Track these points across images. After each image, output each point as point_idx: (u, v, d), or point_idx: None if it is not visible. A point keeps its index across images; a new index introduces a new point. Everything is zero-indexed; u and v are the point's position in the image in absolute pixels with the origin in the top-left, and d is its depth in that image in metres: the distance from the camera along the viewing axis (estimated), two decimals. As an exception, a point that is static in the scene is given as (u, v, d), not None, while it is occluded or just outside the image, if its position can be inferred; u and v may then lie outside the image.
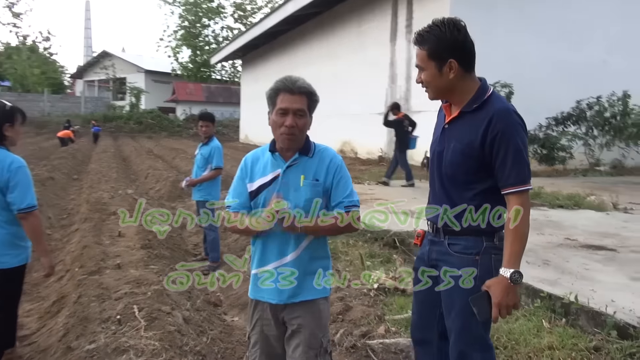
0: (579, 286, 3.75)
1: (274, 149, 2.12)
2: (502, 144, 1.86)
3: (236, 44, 28.33)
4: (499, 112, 1.88)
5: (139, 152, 20.67)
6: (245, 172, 2.16)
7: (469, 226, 1.97)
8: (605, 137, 13.02)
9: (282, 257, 2.08)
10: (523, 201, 1.86)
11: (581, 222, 6.33)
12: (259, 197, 2.09)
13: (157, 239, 6.15)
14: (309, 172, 2.06)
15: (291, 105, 2.00)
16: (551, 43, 13.72)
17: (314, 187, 2.05)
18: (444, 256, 2.04)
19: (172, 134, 37.10)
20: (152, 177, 12.62)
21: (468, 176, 1.96)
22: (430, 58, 1.93)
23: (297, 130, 2.02)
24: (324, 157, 2.10)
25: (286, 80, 2.04)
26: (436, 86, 1.98)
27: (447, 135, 2.04)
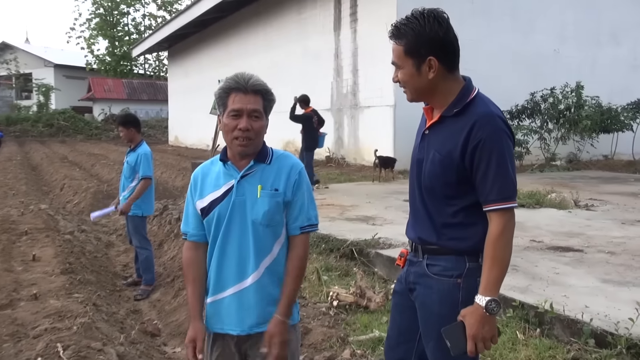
0: (551, 292, 3.87)
1: (225, 157, 2.07)
2: (483, 154, 1.81)
3: (161, 34, 27.65)
4: (482, 117, 1.84)
5: (52, 159, 19.75)
6: (194, 190, 2.12)
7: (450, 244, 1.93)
8: (560, 131, 13.71)
9: (242, 279, 2.03)
10: (506, 221, 1.82)
11: (544, 221, 6.59)
12: (211, 214, 2.04)
13: (79, 261, 5.88)
14: (267, 181, 2.03)
15: (245, 105, 1.96)
16: (504, 33, 14.31)
17: (273, 198, 2.01)
18: (421, 278, 2.00)
19: (89, 138, 35.83)
20: (69, 188, 12.08)
21: (448, 190, 1.92)
22: (408, 55, 1.89)
23: (253, 133, 1.98)
24: (284, 165, 2.07)
25: (238, 78, 1.98)
26: (414, 87, 1.94)
27: (427, 142, 1.99)
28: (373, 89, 13.86)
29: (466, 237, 1.90)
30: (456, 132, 1.87)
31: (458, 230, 1.91)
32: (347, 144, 15.15)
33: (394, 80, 2.00)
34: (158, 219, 8.22)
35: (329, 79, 15.91)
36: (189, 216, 2.13)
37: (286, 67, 18.07)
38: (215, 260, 2.05)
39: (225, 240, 2.03)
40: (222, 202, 2.02)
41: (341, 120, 15.42)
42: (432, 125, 1.98)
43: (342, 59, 15.38)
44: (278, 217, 2.02)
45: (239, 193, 2.01)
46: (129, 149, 5.73)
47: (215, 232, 2.04)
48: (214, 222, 2.03)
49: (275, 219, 2.01)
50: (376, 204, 8.11)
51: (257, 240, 2.00)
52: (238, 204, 2.00)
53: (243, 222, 2.01)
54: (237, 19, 21.62)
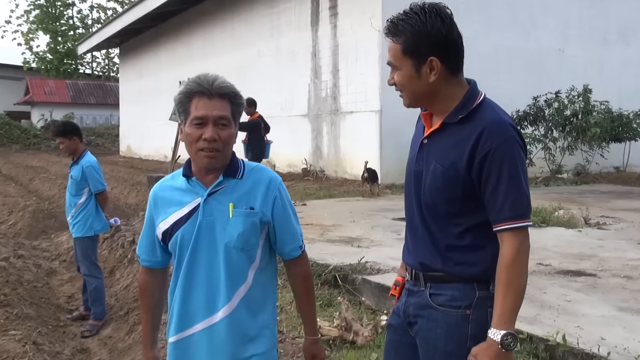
0: (563, 322, 3.90)
1: (189, 172, 2.05)
2: (493, 166, 1.82)
3: (111, 28, 27.51)
4: (491, 124, 1.85)
5: (-18, 172, 19.29)
6: (155, 210, 2.11)
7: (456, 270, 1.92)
8: (567, 140, 13.96)
9: (211, 313, 2.01)
10: (520, 242, 1.82)
11: (552, 242, 6.68)
12: (174, 237, 2.03)
13: (16, 292, 5.75)
14: (240, 198, 2.02)
15: (210, 112, 1.95)
16: (501, 30, 14.58)
17: (248, 218, 2.00)
18: (424, 311, 1.98)
19: (26, 147, 35.25)
20: (3, 207, 11.84)
21: (452, 207, 1.91)
22: (406, 54, 1.90)
23: (220, 144, 1.96)
24: (259, 179, 2.07)
25: (200, 80, 1.97)
26: (413, 90, 1.94)
27: (426, 152, 1.99)
28: (356, 92, 13.96)
29: (475, 261, 1.90)
30: (461, 141, 1.88)
31: (465, 253, 1.91)
32: (327, 155, 15.19)
33: (390, 82, 2.00)
34: (109, 241, 8.09)
35: (306, 80, 15.98)
36: (143, 239, 2.17)
37: (257, 67, 18.11)
38: (180, 291, 2.03)
39: (191, 267, 2.01)
40: (186, 223, 2.01)
41: (320, 128, 15.47)
42: (432, 133, 1.98)
43: (320, 59, 15.47)
44: (254, 240, 2.02)
45: (206, 213, 2.00)
46: (72, 162, 5.69)
47: (179, 257, 2.03)
48: (177, 247, 2.02)
49: (250, 241, 2.01)
50: (361, 223, 8.13)
51: (230, 266, 1.99)
52: (206, 226, 1.99)
53: (212, 246, 1.99)
54: (200, 12, 21.63)
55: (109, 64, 53.80)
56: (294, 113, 16.48)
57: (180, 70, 21.86)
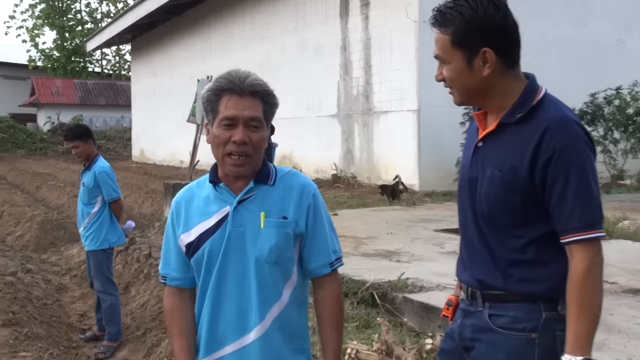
0: (634, 349, 3.81)
1: (216, 178, 2.06)
2: (559, 170, 1.79)
3: (122, 22, 27.89)
4: (556, 123, 1.82)
5: (-14, 180, 19.71)
6: (177, 221, 2.10)
7: (520, 288, 1.89)
8: (630, 141, 13.68)
9: (243, 334, 2.01)
10: (592, 255, 1.77)
11: (617, 256, 6.53)
12: (200, 251, 2.02)
13: (25, 310, 5.84)
14: (272, 207, 2.02)
15: (241, 112, 1.95)
16: (553, 20, 14.40)
17: (281, 228, 2.00)
18: (482, 334, 1.95)
19: (32, 153, 35.95)
20: (10, 217, 12.09)
21: (513, 217, 1.89)
22: (456, 46, 1.88)
23: (251, 148, 1.96)
24: (292, 185, 2.06)
25: (231, 77, 1.98)
26: (464, 86, 1.93)
27: (481, 156, 1.97)
28: (390, 90, 13.91)
29: (540, 278, 1.88)
30: (521, 143, 1.85)
31: (529, 269, 1.89)
32: (359, 159, 15.16)
33: (438, 78, 1.99)
34: (123, 255, 8.17)
35: (335, 77, 15.98)
36: (170, 255, 2.12)
37: (280, 64, 18.18)
38: (208, 311, 2.03)
39: (220, 284, 2.01)
40: (214, 234, 2.01)
41: (351, 129, 15.45)
42: (488, 135, 1.96)
43: (350, 53, 15.46)
44: (288, 253, 2.01)
45: (235, 223, 1.99)
46: (84, 167, 5.77)
47: (206, 273, 2.03)
48: (204, 261, 2.02)
49: (284, 255, 2.00)
50: (399, 235, 8.07)
51: (262, 282, 1.98)
52: (235, 237, 1.99)
53: (242, 260, 1.99)
54: (218, 3, 21.82)
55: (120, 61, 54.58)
56: (322, 113, 16.49)
57: (197, 68, 22.08)
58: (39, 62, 49.75)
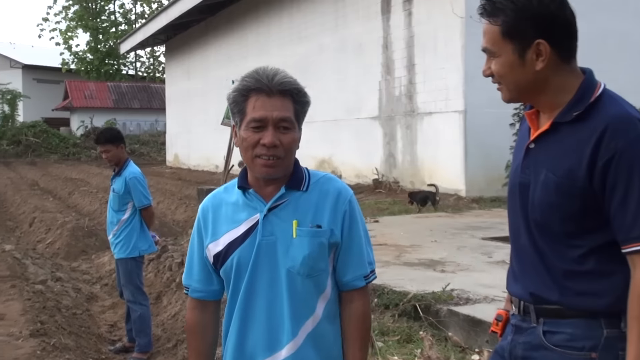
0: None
1: (245, 183, 2.04)
2: (621, 174, 1.73)
3: (156, 23, 28.34)
4: (616, 121, 1.76)
5: (18, 186, 20.29)
6: (204, 229, 2.09)
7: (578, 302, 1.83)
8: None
9: (274, 351, 1.99)
10: None
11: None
12: (228, 261, 2.01)
13: (54, 320, 5.94)
14: (305, 214, 1.99)
15: (270, 113, 1.93)
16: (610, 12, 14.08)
17: (315, 238, 1.97)
18: (535, 352, 1.90)
19: (65, 158, 36.75)
20: (41, 223, 12.35)
21: (569, 225, 1.83)
22: (506, 37, 1.83)
23: (282, 150, 1.95)
24: (327, 191, 2.04)
25: (259, 75, 1.96)
26: (515, 81, 1.87)
27: (533, 159, 1.92)
28: (435, 89, 13.80)
29: (601, 291, 1.82)
30: (578, 144, 1.80)
31: (588, 282, 1.83)
32: (402, 163, 15.06)
33: (485, 73, 1.94)
34: (155, 263, 8.26)
35: (376, 77, 15.93)
36: (194, 265, 2.12)
37: (318, 64, 18.21)
38: (236, 325, 2.02)
39: (249, 297, 1.99)
40: (243, 244, 1.99)
41: (393, 132, 15.37)
42: (541, 135, 1.91)
43: (392, 52, 15.39)
44: (322, 264, 1.98)
45: (266, 232, 1.98)
46: (114, 173, 5.83)
47: (235, 286, 2.01)
48: (232, 273, 2.01)
49: (318, 266, 1.97)
50: (444, 244, 8.02)
51: (294, 296, 1.96)
52: (266, 247, 1.97)
53: (273, 272, 1.97)
54: (254, 2, 22.00)
55: (154, 63, 55.54)
56: (362, 115, 16.45)
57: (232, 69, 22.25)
58: (72, 65, 50.93)
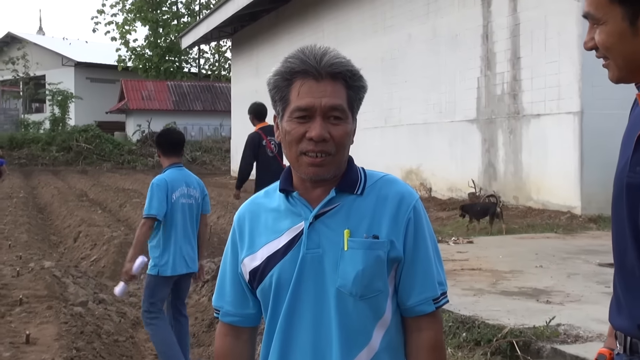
0: None
1: (288, 186, 2.01)
2: None
3: (221, 14, 28.92)
4: None
5: (65, 196, 21.04)
6: (240, 241, 2.08)
7: None
8: None
9: None
10: None
11: None
12: (267, 279, 1.97)
13: (92, 347, 6.06)
14: (360, 222, 1.94)
15: (318, 100, 1.89)
16: None
17: (370, 251, 1.91)
18: None
19: (119, 166, 37.87)
20: (87, 238, 12.73)
21: None
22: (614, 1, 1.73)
23: (332, 145, 1.90)
24: (387, 195, 1.98)
25: (305, 55, 1.92)
26: (625, 55, 1.77)
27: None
28: (545, 87, 13.53)
29: None
30: None
31: None
32: (503, 174, 14.83)
33: (587, 46, 1.84)
34: (209, 286, 8.33)
35: (474, 73, 15.76)
36: (226, 283, 2.11)
37: (406, 58, 18.18)
38: (275, 356, 1.98)
39: (290, 323, 1.95)
40: (284, 258, 1.95)
41: (493, 137, 15.14)
42: None
43: (493, 43, 15.20)
44: (379, 283, 1.92)
45: (311, 243, 1.93)
46: None
47: (274, 308, 1.97)
48: (271, 292, 1.97)
49: (374, 285, 1.91)
50: (552, 270, 7.90)
51: (345, 321, 1.90)
52: (311, 262, 1.93)
53: (320, 292, 1.92)
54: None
55: (219, 59, 56.72)
56: (457, 118, 16.28)
57: (307, 65, 22.46)
58: (129, 62, 52.56)
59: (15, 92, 55.29)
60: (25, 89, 52.88)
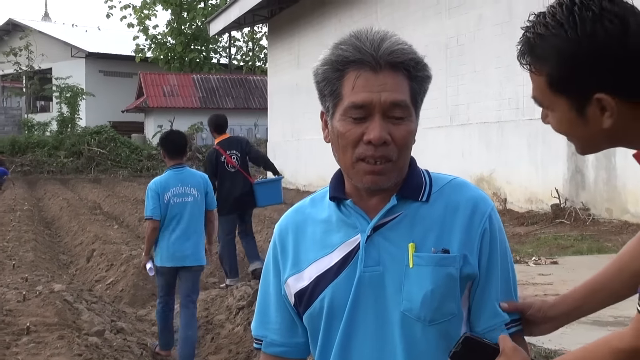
0: None
1: (340, 193, 2.02)
2: None
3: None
4: None
5: (76, 209, 21.25)
6: (282, 257, 2.09)
7: None
8: None
9: None
10: None
11: None
12: (316, 302, 1.99)
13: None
14: (426, 235, 1.96)
15: (377, 95, 1.89)
16: None
17: (440, 268, 1.92)
18: None
19: (137, 174, 38.09)
20: (101, 257, 12.85)
21: None
22: (556, 92, 1.85)
23: (394, 150, 1.91)
24: (457, 203, 2.00)
25: (360, 42, 1.92)
26: (580, 138, 1.91)
27: None
28: None
29: None
30: None
31: None
32: (594, 183, 14.65)
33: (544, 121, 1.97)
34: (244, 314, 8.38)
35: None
36: (269, 308, 2.11)
37: (475, 44, 18.07)
38: None
39: (347, 354, 1.96)
40: (337, 278, 1.97)
41: (581, 138, 14.95)
42: None
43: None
44: (451, 305, 1.93)
45: (370, 260, 1.94)
46: None
47: (326, 336, 1.99)
48: (322, 319, 1.98)
49: (446, 308, 1.92)
50: None
51: (413, 352, 1.92)
52: (370, 282, 1.94)
53: (382, 317, 1.94)
54: (388, -38, 22.15)
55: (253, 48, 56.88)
56: (537, 115, 15.70)
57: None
58: (149, 52, 52.89)
59: (18, 88, 55.99)
60: (29, 84, 53.42)
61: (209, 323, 8.67)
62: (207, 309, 9.07)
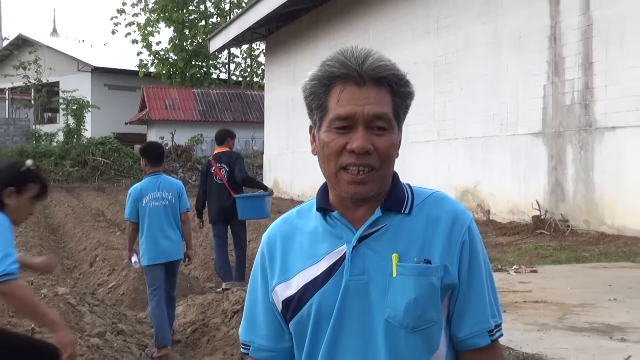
0: None
1: (326, 204, 2.04)
2: None
3: (254, 13, 28.95)
4: None
5: (80, 216, 21.28)
6: (270, 266, 2.09)
7: None
8: None
9: None
10: None
11: None
12: (303, 309, 1.99)
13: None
14: (409, 245, 1.98)
15: (361, 107, 1.92)
16: None
17: (423, 277, 1.94)
18: None
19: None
20: (104, 262, 12.86)
21: None
22: None
23: (376, 159, 1.93)
24: (438, 215, 2.01)
25: (345, 57, 1.95)
26: None
27: None
28: (622, 96, 13.40)
29: None
30: None
31: None
32: (573, 195, 14.69)
33: None
34: (239, 317, 8.39)
35: (539, 80, 15.67)
36: (257, 314, 2.11)
37: (463, 63, 18.13)
38: None
39: (332, 358, 1.97)
40: (324, 287, 1.98)
41: (561, 153, 15.03)
42: None
43: (562, 46, 15.11)
44: (432, 313, 1.95)
45: (356, 269, 1.96)
46: None
47: (312, 344, 1.99)
48: (309, 326, 1.99)
49: (428, 315, 1.94)
50: (628, 304, 7.80)
51: (396, 357, 1.93)
52: (355, 291, 1.95)
53: (367, 325, 1.95)
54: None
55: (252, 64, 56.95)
56: (520, 131, 16.18)
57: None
58: (152, 67, 52.97)
59: (27, 100, 55.99)
60: (37, 97, 53.40)
61: (205, 326, 8.66)
62: (203, 312, 9.06)
